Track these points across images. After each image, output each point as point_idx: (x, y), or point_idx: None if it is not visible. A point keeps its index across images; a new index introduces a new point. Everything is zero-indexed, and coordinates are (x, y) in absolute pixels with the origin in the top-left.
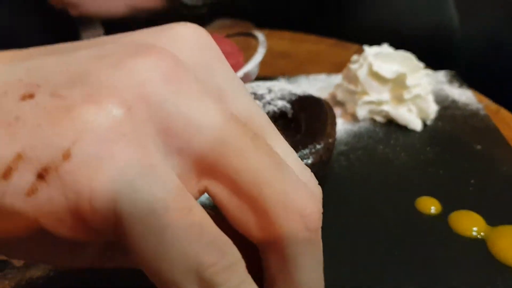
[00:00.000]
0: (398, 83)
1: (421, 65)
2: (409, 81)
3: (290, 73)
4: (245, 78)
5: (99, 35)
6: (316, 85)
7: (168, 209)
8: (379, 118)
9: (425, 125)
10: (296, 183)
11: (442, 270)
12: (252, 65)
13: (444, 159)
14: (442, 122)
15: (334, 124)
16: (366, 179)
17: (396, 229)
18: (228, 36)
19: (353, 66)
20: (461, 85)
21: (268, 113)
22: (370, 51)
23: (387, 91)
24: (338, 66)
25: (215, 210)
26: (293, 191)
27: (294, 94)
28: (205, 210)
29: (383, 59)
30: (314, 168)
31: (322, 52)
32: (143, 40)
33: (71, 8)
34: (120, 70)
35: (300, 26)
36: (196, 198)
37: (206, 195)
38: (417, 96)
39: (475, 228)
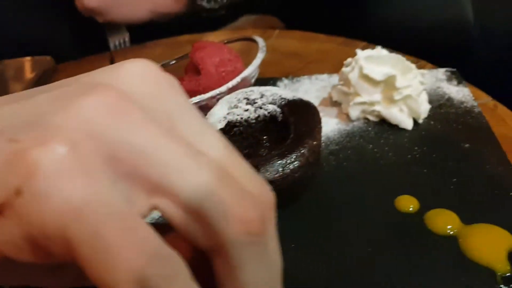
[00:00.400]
0: (388, 85)
1: (412, 66)
2: (399, 82)
3: (296, 73)
4: (244, 83)
5: (124, 39)
6: (317, 85)
7: (111, 230)
8: (372, 118)
9: (417, 124)
10: (237, 192)
11: (414, 267)
12: (249, 71)
13: (430, 158)
14: (434, 121)
15: (317, 127)
16: (352, 178)
17: (374, 227)
18: (228, 42)
19: (345, 69)
20: (459, 83)
21: (258, 117)
22: (361, 54)
23: (379, 92)
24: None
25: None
26: (233, 200)
27: (284, 99)
28: (163, 225)
29: (374, 62)
30: (301, 170)
31: (331, 51)
32: (96, 79)
33: (98, 16)
34: (68, 111)
35: (320, 20)
36: (147, 215)
37: None
38: (408, 97)
39: (449, 226)
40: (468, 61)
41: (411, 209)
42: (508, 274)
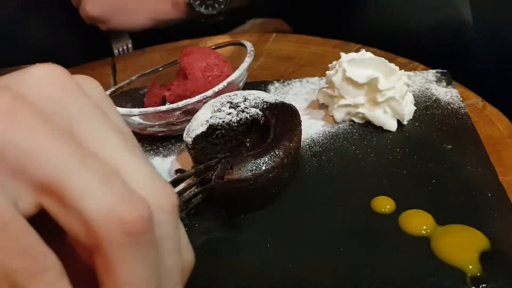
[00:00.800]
0: (371, 87)
1: (395, 68)
2: (382, 84)
3: (288, 76)
4: (231, 87)
5: (127, 45)
6: (308, 88)
7: None
8: (357, 120)
9: (402, 125)
10: (121, 194)
11: (384, 266)
12: (236, 75)
13: (411, 159)
14: (419, 123)
15: (296, 129)
16: (332, 179)
17: (348, 227)
18: (216, 47)
19: (329, 72)
20: (448, 84)
21: (240, 120)
22: (345, 57)
23: (363, 94)
24: None
25: None
26: (114, 201)
27: (267, 102)
28: None
29: (357, 65)
30: (275, 170)
31: (324, 54)
32: (1, 82)
33: (100, 24)
34: None
35: (324, 23)
36: (34, 212)
37: None
38: (391, 99)
39: (424, 227)
40: (463, 61)
41: (387, 209)
42: (478, 275)
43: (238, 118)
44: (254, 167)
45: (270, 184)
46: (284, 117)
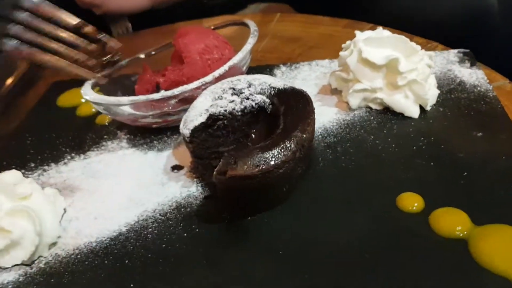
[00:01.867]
0: (391, 69)
1: (417, 48)
2: (403, 66)
3: (295, 59)
4: (233, 71)
5: (127, 28)
6: (318, 72)
7: None
8: (374, 106)
9: (424, 111)
10: None
11: (417, 273)
12: (238, 58)
13: (437, 150)
14: (443, 108)
15: (308, 118)
16: (350, 174)
17: (373, 231)
18: (216, 28)
19: (343, 53)
20: (472, 65)
21: (245, 109)
22: (360, 36)
23: (381, 77)
24: None
25: None
26: None
27: (274, 88)
28: None
29: (374, 44)
30: (286, 165)
31: (334, 34)
32: None
33: (95, 8)
34: None
35: (332, 6)
36: None
37: None
38: (413, 82)
39: (458, 227)
40: (487, 46)
41: (414, 208)
42: None
43: (242, 107)
44: (261, 162)
45: (280, 181)
46: (295, 104)
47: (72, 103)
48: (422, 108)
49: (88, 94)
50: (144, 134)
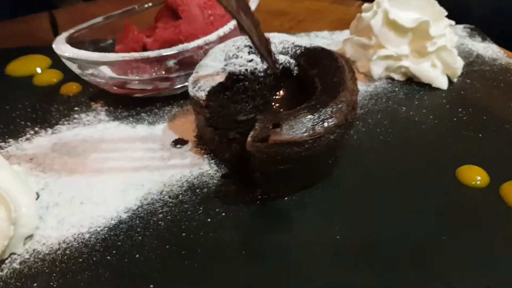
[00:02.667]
0: (419, 33)
1: (444, 12)
2: (434, 30)
3: (287, 32)
4: (236, 32)
5: None
6: (318, 43)
7: None
8: (397, 76)
9: (451, 83)
10: None
11: (492, 250)
12: None
13: (480, 121)
14: (470, 80)
15: (355, 78)
16: (392, 146)
17: (437, 203)
18: None
19: (365, 15)
20: (484, 40)
21: (267, 70)
22: None
23: (406, 43)
24: (339, 23)
25: None
26: None
27: (299, 47)
28: None
29: (399, 6)
30: (338, 131)
31: (322, 9)
32: None
33: None
34: None
35: None
36: None
37: None
38: (443, 49)
39: None
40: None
41: (478, 182)
42: None
43: (265, 67)
44: (311, 125)
45: (328, 151)
46: (329, 65)
47: (25, 72)
48: (448, 80)
49: (65, 50)
50: (127, 106)
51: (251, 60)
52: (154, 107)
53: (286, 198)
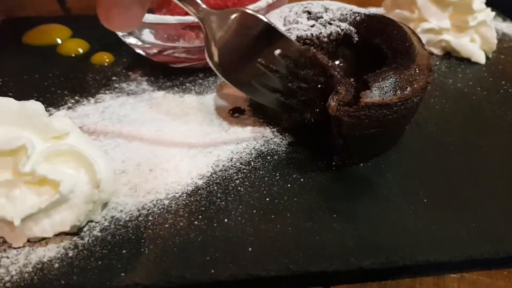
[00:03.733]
0: (461, 7)
1: None
2: (477, 4)
3: None
4: (281, 2)
5: None
6: None
7: None
8: (436, 51)
9: (488, 58)
10: None
11: None
12: None
13: None
14: (504, 55)
15: (423, 44)
16: (450, 116)
17: (504, 167)
18: None
19: None
20: (504, 20)
21: (331, 35)
22: None
23: (447, 17)
24: (358, 3)
25: None
26: None
27: (358, 14)
28: None
29: None
30: (421, 92)
31: None
32: None
33: None
34: None
35: None
36: None
37: None
38: (483, 23)
39: None
40: None
41: None
42: None
43: (328, 32)
44: (399, 87)
45: (410, 114)
46: (393, 32)
47: (45, 41)
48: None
49: None
50: (168, 76)
51: (313, 26)
52: (198, 77)
53: (361, 165)
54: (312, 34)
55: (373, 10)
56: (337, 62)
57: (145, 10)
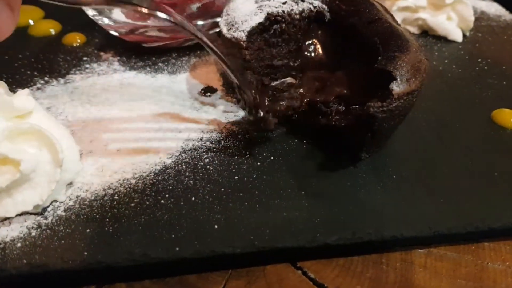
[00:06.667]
0: None
1: None
2: None
3: None
4: None
5: None
6: None
7: None
8: (413, 29)
9: (465, 36)
10: None
11: None
12: None
13: (500, 70)
14: (481, 34)
15: (396, 21)
16: (425, 94)
17: (475, 144)
18: None
19: None
20: None
21: (303, 12)
22: None
23: None
24: None
25: None
26: None
27: None
28: None
29: None
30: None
31: None
32: None
33: None
34: None
35: None
36: None
37: None
38: (459, 1)
39: None
40: None
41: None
42: None
43: (300, 9)
44: (415, 70)
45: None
46: (364, 10)
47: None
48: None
49: None
50: (141, 56)
51: (285, 2)
52: (171, 57)
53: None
54: (283, 11)
55: None
56: (309, 42)
57: (16, 15)
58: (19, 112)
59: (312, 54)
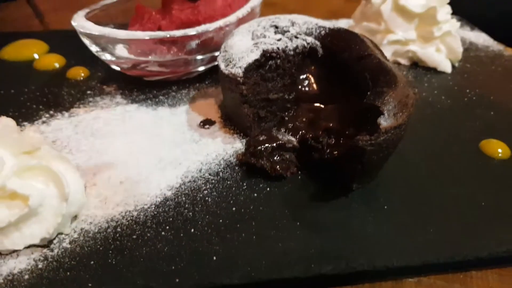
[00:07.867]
0: (426, 19)
1: None
2: (441, 15)
3: None
4: (252, 16)
5: None
6: None
7: None
8: (403, 61)
9: (454, 67)
10: None
11: None
12: (258, 0)
13: (488, 100)
14: (470, 64)
15: (385, 57)
16: (415, 125)
17: (463, 174)
18: None
19: (375, 1)
20: (472, 29)
21: (297, 49)
22: None
23: (413, 28)
24: (330, 14)
25: None
26: None
27: (323, 28)
28: None
29: None
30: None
31: (309, 1)
32: None
33: None
34: None
35: None
36: None
37: None
38: (447, 34)
39: None
40: None
41: (500, 154)
42: None
43: (294, 45)
44: (402, 104)
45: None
46: (355, 45)
47: (22, 57)
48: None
49: (88, 27)
50: (142, 89)
51: (279, 39)
52: (171, 90)
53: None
54: (278, 48)
55: (344, 21)
56: (303, 76)
57: None
58: (28, 148)
59: (306, 88)
